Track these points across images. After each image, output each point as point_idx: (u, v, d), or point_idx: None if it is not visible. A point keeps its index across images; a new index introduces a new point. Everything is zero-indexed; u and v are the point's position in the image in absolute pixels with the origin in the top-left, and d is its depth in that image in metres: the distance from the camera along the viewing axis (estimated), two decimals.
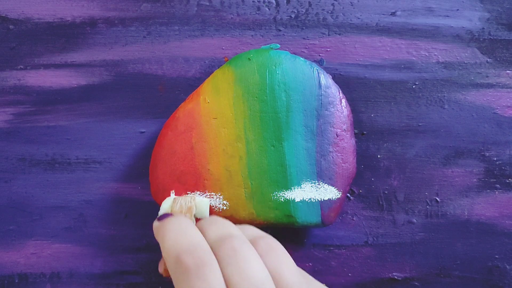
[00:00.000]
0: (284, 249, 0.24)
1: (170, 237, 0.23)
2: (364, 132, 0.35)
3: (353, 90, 0.35)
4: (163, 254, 0.23)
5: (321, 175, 0.31)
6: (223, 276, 0.22)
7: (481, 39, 0.35)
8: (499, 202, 0.35)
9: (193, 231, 0.24)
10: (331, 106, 0.32)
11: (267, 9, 0.35)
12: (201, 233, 0.25)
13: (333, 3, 0.35)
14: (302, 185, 0.31)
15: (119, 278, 0.35)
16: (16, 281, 0.35)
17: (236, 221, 0.31)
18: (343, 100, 0.32)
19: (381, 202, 0.35)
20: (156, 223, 0.26)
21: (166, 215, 0.26)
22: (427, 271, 0.35)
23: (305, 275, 0.25)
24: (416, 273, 0.35)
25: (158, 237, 0.24)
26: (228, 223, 0.26)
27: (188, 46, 0.35)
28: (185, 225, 0.24)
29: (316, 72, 0.32)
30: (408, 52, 0.35)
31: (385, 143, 0.35)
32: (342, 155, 0.32)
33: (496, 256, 0.35)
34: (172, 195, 0.30)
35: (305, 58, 0.33)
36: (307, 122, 0.31)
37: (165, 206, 0.29)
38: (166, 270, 0.26)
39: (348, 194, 0.35)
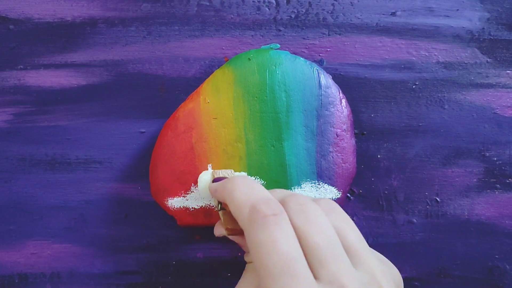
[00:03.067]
0: (343, 210, 0.25)
1: (243, 190, 0.24)
2: (364, 132, 0.35)
3: (353, 90, 0.35)
4: (233, 206, 0.24)
5: (321, 175, 0.31)
6: (293, 227, 0.22)
7: (481, 39, 0.35)
8: (499, 202, 0.35)
9: (262, 186, 0.25)
10: (331, 106, 0.32)
11: (267, 9, 0.35)
12: None
13: (333, 3, 0.35)
14: (302, 185, 0.31)
15: (119, 278, 0.35)
16: (16, 281, 0.35)
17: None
18: (343, 100, 0.32)
19: (381, 202, 0.35)
20: (216, 184, 0.27)
21: (222, 178, 0.27)
22: (427, 271, 0.35)
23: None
24: (416, 273, 0.35)
25: (223, 193, 0.25)
26: (282, 189, 0.27)
27: (188, 46, 0.35)
28: (254, 182, 0.25)
29: (316, 72, 0.32)
30: (408, 52, 0.35)
31: (385, 143, 0.35)
32: (342, 155, 0.32)
33: (496, 256, 0.35)
34: (210, 168, 0.30)
35: (305, 58, 0.33)
36: (307, 122, 0.31)
37: (205, 177, 0.30)
38: (229, 229, 0.26)
39: (348, 194, 0.35)
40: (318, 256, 0.21)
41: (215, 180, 0.28)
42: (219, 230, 0.28)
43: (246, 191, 0.24)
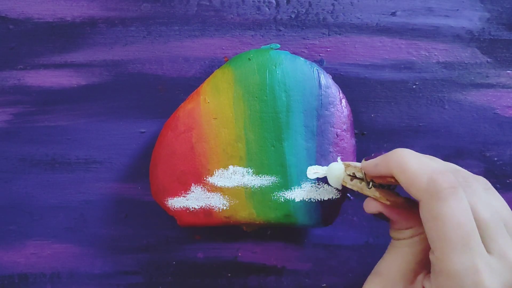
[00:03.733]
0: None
1: (415, 161, 0.24)
2: (364, 132, 0.35)
3: (353, 90, 0.35)
4: (407, 176, 0.23)
5: None
6: None
7: (481, 39, 0.35)
8: None
9: (427, 157, 0.25)
10: (331, 106, 0.32)
11: (267, 9, 0.35)
12: None
13: (333, 3, 0.35)
14: (302, 185, 0.31)
15: (119, 278, 0.35)
16: (16, 281, 0.35)
17: (236, 221, 0.31)
18: (343, 100, 0.32)
19: None
20: (375, 159, 0.26)
21: (373, 157, 0.27)
22: None
23: None
24: None
25: (388, 165, 0.25)
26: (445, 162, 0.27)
27: (188, 46, 0.35)
28: (418, 153, 0.25)
29: (316, 72, 0.32)
30: (408, 52, 0.35)
31: (385, 143, 0.35)
32: (342, 155, 0.31)
33: None
34: (339, 159, 0.30)
35: (305, 58, 0.33)
36: (307, 122, 0.31)
37: (338, 166, 0.29)
38: (391, 200, 0.26)
39: (348, 194, 0.35)
40: (488, 231, 0.22)
41: (367, 159, 0.27)
42: (374, 206, 0.27)
43: (418, 161, 0.24)
